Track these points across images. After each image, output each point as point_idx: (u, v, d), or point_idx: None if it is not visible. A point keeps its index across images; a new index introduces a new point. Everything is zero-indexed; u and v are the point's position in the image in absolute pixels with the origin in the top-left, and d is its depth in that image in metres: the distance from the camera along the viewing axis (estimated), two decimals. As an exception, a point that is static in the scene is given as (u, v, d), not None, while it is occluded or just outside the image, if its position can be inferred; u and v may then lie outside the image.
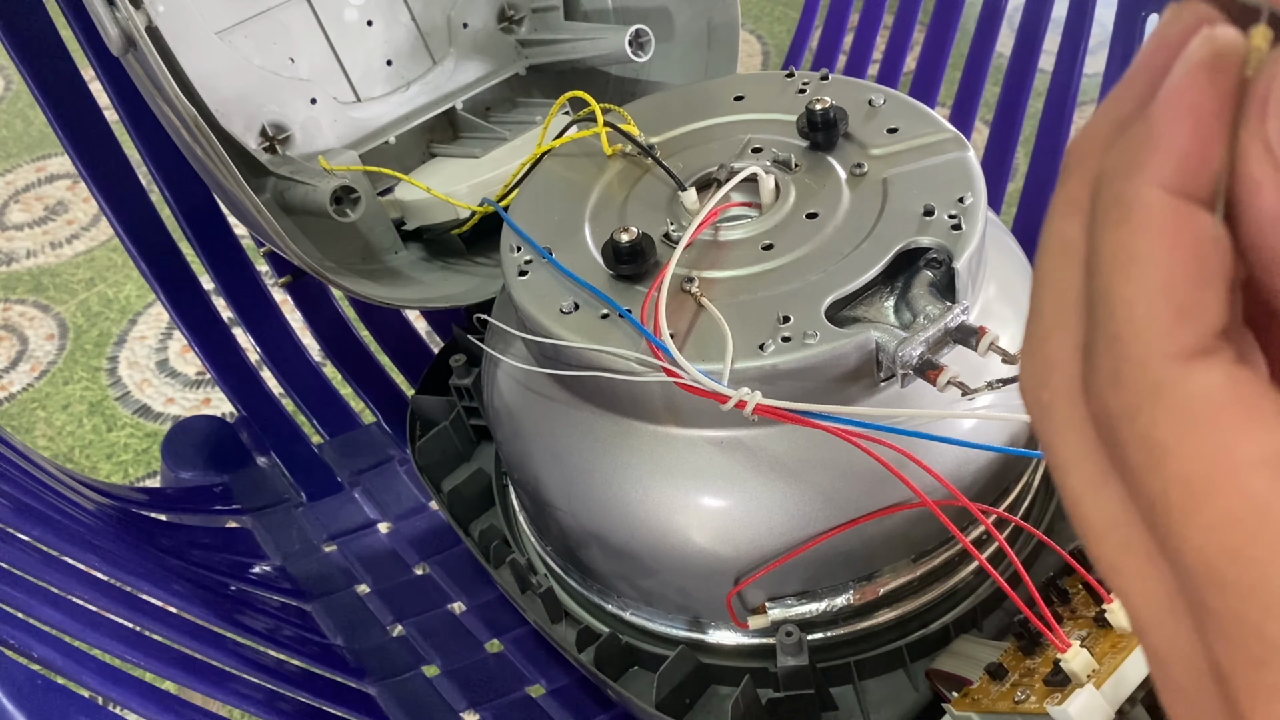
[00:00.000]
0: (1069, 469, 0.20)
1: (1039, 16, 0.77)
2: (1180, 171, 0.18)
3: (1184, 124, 0.18)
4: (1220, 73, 0.18)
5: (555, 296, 0.50)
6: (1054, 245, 0.20)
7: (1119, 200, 0.18)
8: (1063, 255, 0.20)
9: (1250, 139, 0.18)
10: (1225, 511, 0.17)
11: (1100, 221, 0.19)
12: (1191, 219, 0.18)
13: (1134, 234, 0.18)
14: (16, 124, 1.70)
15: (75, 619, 0.46)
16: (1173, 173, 0.18)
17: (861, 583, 0.50)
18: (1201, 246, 0.18)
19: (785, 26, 1.72)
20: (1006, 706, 0.44)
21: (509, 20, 0.71)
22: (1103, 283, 0.19)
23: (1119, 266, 0.18)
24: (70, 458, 1.22)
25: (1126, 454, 0.18)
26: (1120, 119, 0.20)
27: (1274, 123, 0.18)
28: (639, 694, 0.53)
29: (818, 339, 0.45)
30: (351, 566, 0.69)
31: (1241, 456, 0.17)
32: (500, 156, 0.67)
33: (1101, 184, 0.19)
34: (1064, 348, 0.20)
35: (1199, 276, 0.18)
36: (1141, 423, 0.18)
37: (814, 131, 0.54)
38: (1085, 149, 0.20)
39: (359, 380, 0.79)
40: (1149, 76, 0.19)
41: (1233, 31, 0.18)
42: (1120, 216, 0.18)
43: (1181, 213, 0.18)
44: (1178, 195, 0.18)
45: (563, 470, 0.51)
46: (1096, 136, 0.20)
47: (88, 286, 1.42)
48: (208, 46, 0.61)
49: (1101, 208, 0.19)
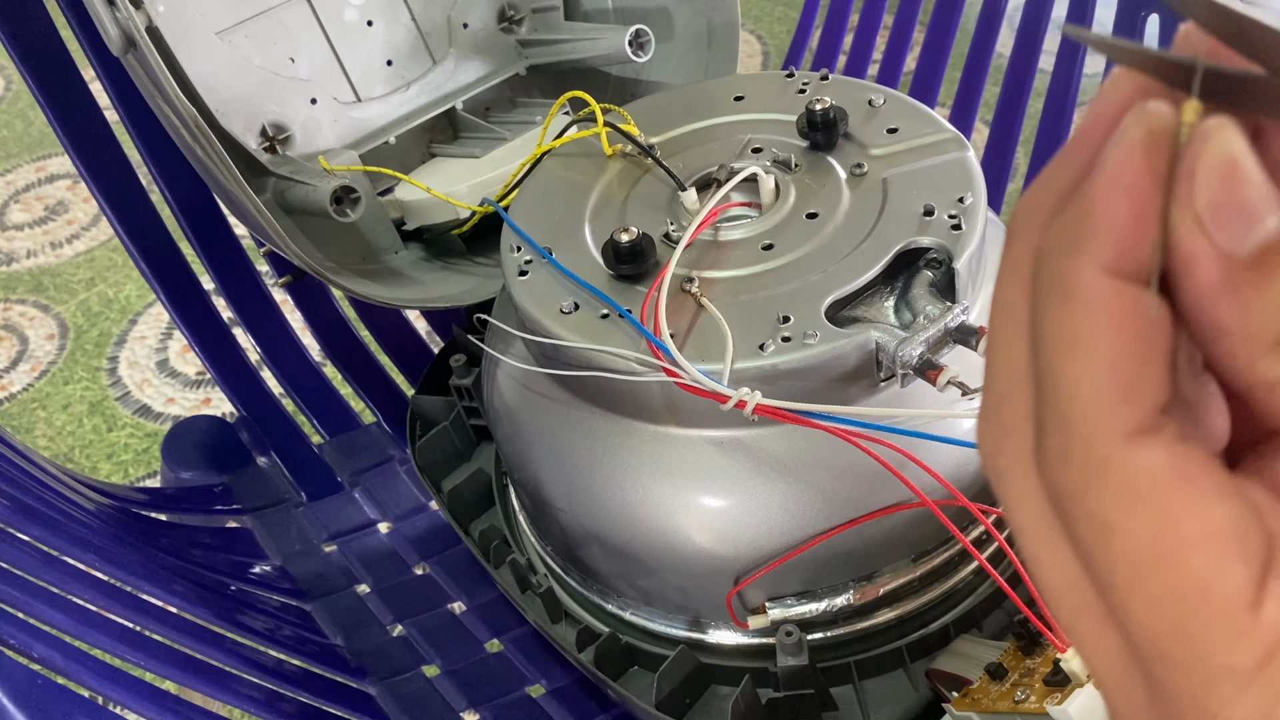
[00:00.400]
0: (1026, 533, 0.20)
1: (1039, 16, 0.77)
2: (1119, 252, 0.18)
3: (1121, 204, 0.18)
4: (1154, 151, 0.18)
5: (555, 296, 0.50)
6: (1002, 313, 0.21)
7: (1060, 280, 0.19)
8: (1010, 323, 0.20)
9: (1182, 214, 0.18)
10: (1168, 588, 0.18)
11: (1043, 299, 0.19)
12: (1131, 299, 0.18)
13: (1076, 314, 0.19)
14: (16, 124, 1.70)
15: (75, 619, 0.46)
16: (1112, 253, 0.18)
17: (861, 583, 0.50)
18: (1142, 325, 0.18)
19: (785, 26, 1.72)
20: (1006, 706, 0.44)
21: (509, 20, 0.71)
22: (1048, 361, 0.19)
23: (1063, 346, 0.19)
24: (70, 458, 1.22)
25: (1076, 528, 0.19)
26: (1061, 189, 0.20)
27: (1203, 198, 0.18)
28: (639, 694, 0.53)
29: (818, 339, 0.45)
30: (351, 566, 0.69)
31: (1184, 534, 0.18)
32: (500, 156, 0.67)
33: (1043, 260, 0.20)
34: (1017, 415, 0.20)
35: (1141, 355, 0.18)
36: (1089, 500, 0.19)
37: (814, 131, 0.54)
38: (1026, 218, 0.21)
39: (359, 380, 0.79)
40: (1088, 147, 0.20)
41: (1165, 108, 0.18)
42: (1062, 296, 0.19)
43: (1122, 293, 0.18)
44: (1117, 275, 0.18)
45: (563, 470, 0.51)
46: (1037, 205, 0.20)
47: (88, 286, 1.42)
48: (208, 46, 0.61)
49: (1043, 285, 0.19)
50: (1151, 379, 0.19)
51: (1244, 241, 0.18)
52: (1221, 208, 0.18)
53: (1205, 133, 0.18)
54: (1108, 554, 0.18)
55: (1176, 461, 0.18)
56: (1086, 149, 0.20)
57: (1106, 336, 0.18)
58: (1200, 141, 0.18)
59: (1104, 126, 0.20)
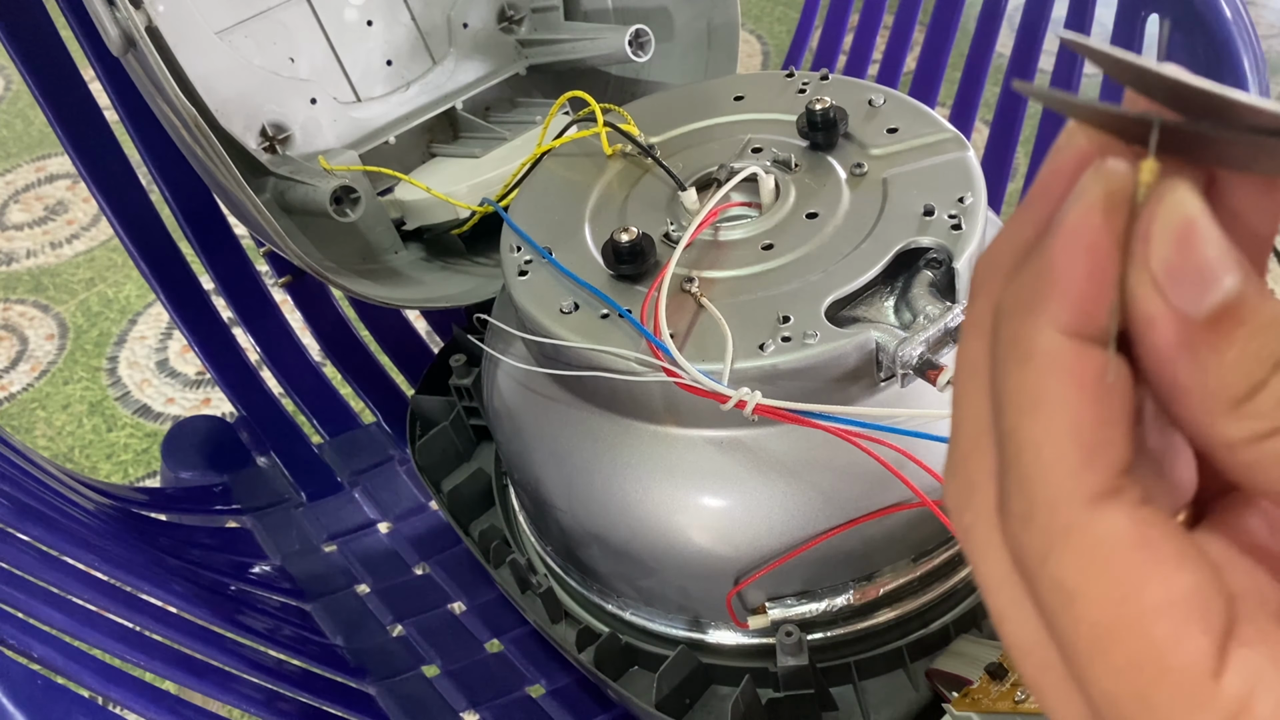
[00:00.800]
0: (990, 590, 0.20)
1: (1039, 16, 0.77)
2: (1078, 313, 0.18)
3: (1079, 265, 0.18)
4: (1112, 212, 0.18)
5: (555, 296, 0.50)
6: (965, 368, 0.21)
7: (1018, 340, 0.19)
8: (973, 379, 0.20)
9: (1139, 276, 0.18)
10: (1130, 656, 0.18)
11: (1002, 359, 0.19)
12: (1091, 361, 0.18)
13: (1036, 377, 0.19)
14: (16, 124, 1.70)
15: (75, 619, 0.46)
16: (1071, 315, 0.18)
17: (861, 583, 0.50)
18: (1102, 387, 0.18)
19: (785, 26, 1.72)
20: (1006, 706, 0.44)
21: (509, 20, 0.71)
22: (1010, 422, 0.19)
23: (1024, 409, 0.19)
24: (70, 458, 1.22)
25: (1039, 592, 0.19)
26: (1020, 245, 0.20)
27: (1158, 260, 0.18)
28: (639, 694, 0.53)
29: (818, 339, 0.45)
30: (351, 566, 0.69)
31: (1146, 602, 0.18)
32: (500, 156, 0.67)
33: (1002, 318, 0.20)
34: (982, 471, 0.20)
35: (1102, 418, 0.18)
36: (1051, 565, 0.19)
37: (814, 131, 0.54)
38: (988, 273, 0.21)
39: (359, 380, 0.79)
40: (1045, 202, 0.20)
41: (1123, 167, 0.18)
42: (1021, 357, 0.19)
43: (1081, 355, 0.18)
44: (1076, 336, 0.18)
45: (563, 470, 0.51)
46: (998, 260, 0.20)
47: (88, 286, 1.42)
48: (208, 46, 0.61)
49: (1003, 345, 0.19)
50: (1113, 441, 0.18)
51: (1200, 303, 0.18)
52: (1177, 270, 0.18)
53: (1160, 194, 0.18)
54: (1070, 620, 0.18)
55: (1138, 526, 0.18)
56: (1044, 205, 0.20)
57: (1068, 399, 0.18)
58: (1156, 203, 0.18)
59: (1061, 181, 0.19)
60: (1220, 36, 0.63)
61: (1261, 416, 0.18)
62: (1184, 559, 0.18)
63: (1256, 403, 0.18)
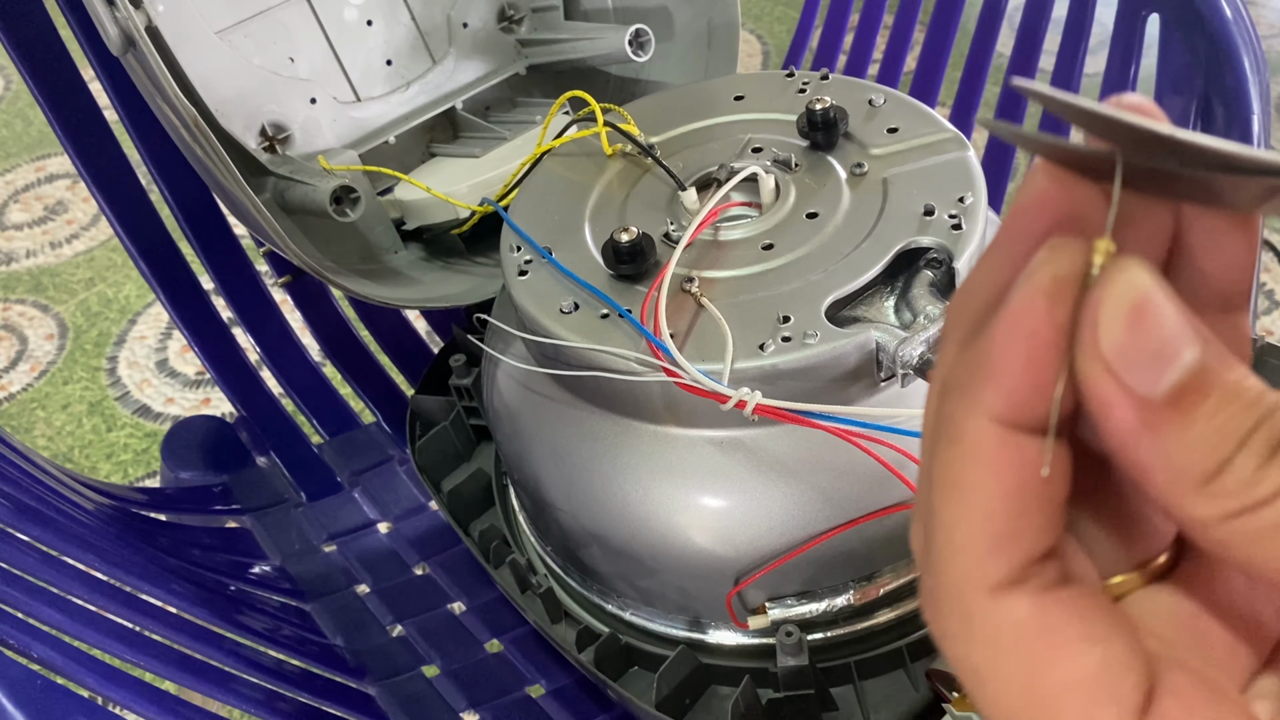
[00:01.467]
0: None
1: (1039, 16, 0.77)
2: (1011, 402, 0.18)
3: (1017, 354, 0.18)
4: (1057, 299, 0.18)
5: (555, 296, 0.50)
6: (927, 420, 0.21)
7: (952, 420, 0.19)
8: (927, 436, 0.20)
9: (1089, 360, 0.18)
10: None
11: (935, 436, 0.19)
12: (1018, 450, 0.18)
13: (960, 461, 0.19)
14: (16, 124, 1.70)
15: (75, 619, 0.46)
16: (1004, 403, 0.18)
17: (861, 583, 0.50)
18: (1025, 477, 0.18)
19: (785, 26, 1.72)
20: (1006, 707, 0.44)
21: (509, 20, 0.71)
22: (934, 498, 0.19)
23: (946, 488, 0.19)
24: (70, 458, 1.22)
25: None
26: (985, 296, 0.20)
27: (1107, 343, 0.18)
28: (639, 694, 0.53)
29: (818, 339, 0.45)
30: (351, 567, 0.69)
31: (1052, 684, 0.18)
32: (500, 156, 0.67)
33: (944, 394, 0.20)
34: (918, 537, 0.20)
35: (1019, 508, 0.18)
36: (959, 646, 0.19)
37: (814, 131, 0.54)
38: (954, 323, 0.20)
39: (359, 380, 0.79)
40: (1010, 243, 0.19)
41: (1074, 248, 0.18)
42: (951, 438, 0.19)
43: (1006, 444, 0.18)
44: (1006, 424, 0.18)
45: (563, 470, 0.51)
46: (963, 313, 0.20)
47: (87, 286, 1.42)
48: (207, 46, 0.61)
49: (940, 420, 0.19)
50: (1026, 531, 0.18)
51: (1158, 383, 0.18)
52: (1130, 352, 0.18)
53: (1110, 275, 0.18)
54: (983, 700, 0.19)
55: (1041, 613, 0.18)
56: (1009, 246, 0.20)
57: (985, 488, 0.18)
58: (1105, 284, 0.18)
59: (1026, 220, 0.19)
60: (1220, 36, 0.63)
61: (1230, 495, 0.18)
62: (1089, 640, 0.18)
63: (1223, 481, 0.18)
